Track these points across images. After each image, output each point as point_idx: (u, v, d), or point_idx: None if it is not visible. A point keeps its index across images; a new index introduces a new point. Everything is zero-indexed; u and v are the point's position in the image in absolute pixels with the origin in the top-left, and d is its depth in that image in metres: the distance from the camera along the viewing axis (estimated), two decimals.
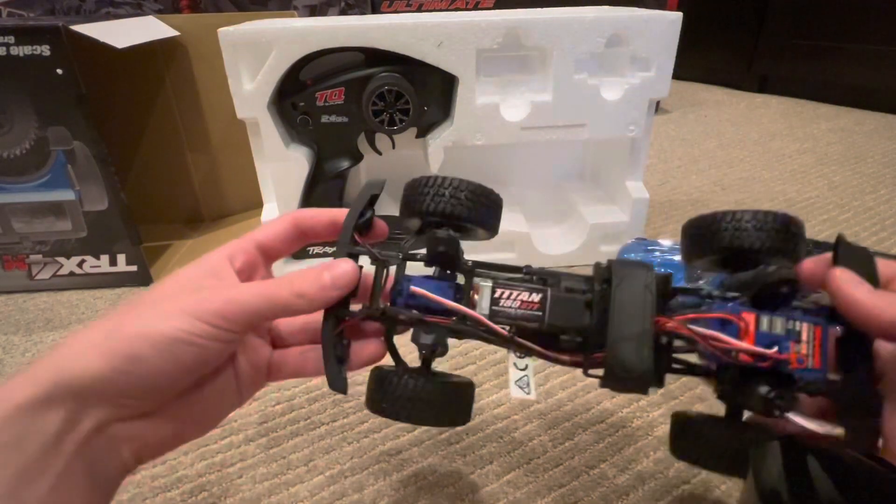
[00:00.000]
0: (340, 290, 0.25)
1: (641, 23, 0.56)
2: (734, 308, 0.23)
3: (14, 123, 0.57)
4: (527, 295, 0.25)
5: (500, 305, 0.25)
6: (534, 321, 0.25)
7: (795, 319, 0.23)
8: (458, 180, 0.26)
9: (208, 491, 0.39)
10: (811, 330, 0.23)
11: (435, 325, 0.26)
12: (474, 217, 0.26)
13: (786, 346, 0.23)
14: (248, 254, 0.27)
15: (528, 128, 0.59)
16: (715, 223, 0.25)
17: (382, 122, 0.57)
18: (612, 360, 0.24)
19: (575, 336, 0.25)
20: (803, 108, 1.40)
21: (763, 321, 0.23)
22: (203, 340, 0.22)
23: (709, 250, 0.25)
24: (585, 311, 0.25)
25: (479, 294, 0.26)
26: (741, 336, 0.23)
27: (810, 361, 0.23)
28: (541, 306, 0.25)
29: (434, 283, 0.26)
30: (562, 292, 0.26)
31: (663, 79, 0.58)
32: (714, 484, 0.38)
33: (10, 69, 0.55)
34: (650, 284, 0.24)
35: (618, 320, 0.24)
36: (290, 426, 0.44)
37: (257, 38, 0.53)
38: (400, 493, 0.38)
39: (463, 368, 0.50)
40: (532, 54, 0.59)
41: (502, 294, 0.26)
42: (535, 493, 0.38)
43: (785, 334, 0.23)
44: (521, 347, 0.26)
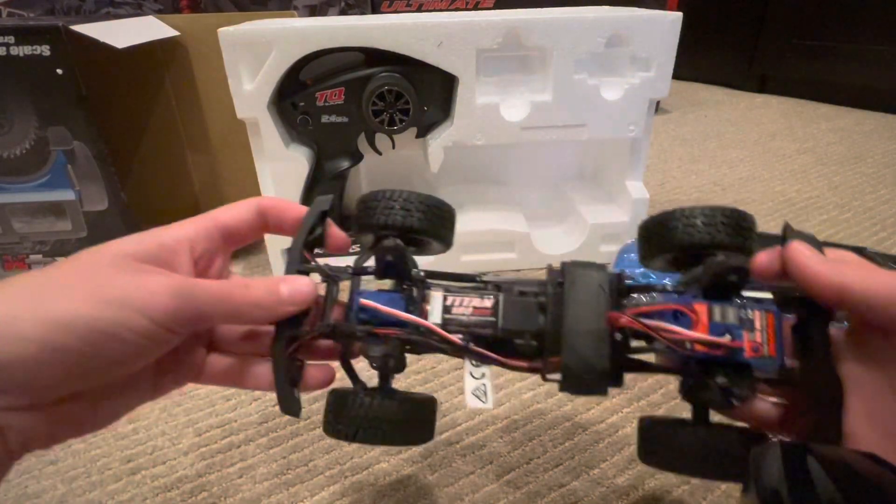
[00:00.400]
0: (296, 305, 0.24)
1: (641, 23, 0.56)
2: (686, 300, 0.23)
3: (14, 123, 0.57)
4: (479, 301, 0.25)
5: (452, 313, 0.25)
6: (487, 327, 0.25)
7: (748, 308, 0.23)
8: (409, 192, 0.26)
9: (208, 491, 0.39)
10: (764, 317, 0.23)
11: (385, 337, 0.25)
12: (427, 229, 0.26)
13: (739, 335, 0.22)
14: (210, 240, 0.25)
15: (528, 128, 0.59)
16: (666, 221, 0.24)
17: (382, 122, 0.57)
18: (569, 361, 0.23)
19: (530, 340, 0.25)
20: (803, 108, 1.40)
21: (715, 311, 0.23)
22: (140, 339, 0.20)
23: (662, 249, 0.25)
24: (539, 313, 0.25)
25: (431, 303, 0.25)
26: (694, 328, 0.23)
27: (765, 349, 0.23)
28: (493, 311, 0.25)
29: (385, 296, 0.26)
30: (514, 296, 0.25)
31: (663, 79, 0.58)
32: (714, 484, 0.38)
33: (10, 69, 0.55)
34: (604, 283, 0.25)
35: (572, 320, 0.24)
36: (290, 426, 0.44)
37: (257, 38, 0.53)
38: (400, 494, 0.38)
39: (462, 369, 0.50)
40: (532, 54, 0.59)
41: (454, 301, 0.25)
42: (535, 493, 0.38)
43: (738, 323, 0.23)
44: (477, 355, 0.25)
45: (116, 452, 0.42)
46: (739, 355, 0.22)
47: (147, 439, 0.43)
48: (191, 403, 0.47)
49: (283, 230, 0.27)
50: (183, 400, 0.47)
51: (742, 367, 0.23)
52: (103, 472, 0.41)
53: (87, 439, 0.44)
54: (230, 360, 0.27)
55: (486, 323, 0.25)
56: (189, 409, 0.46)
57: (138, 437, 0.44)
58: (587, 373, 0.23)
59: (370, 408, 0.24)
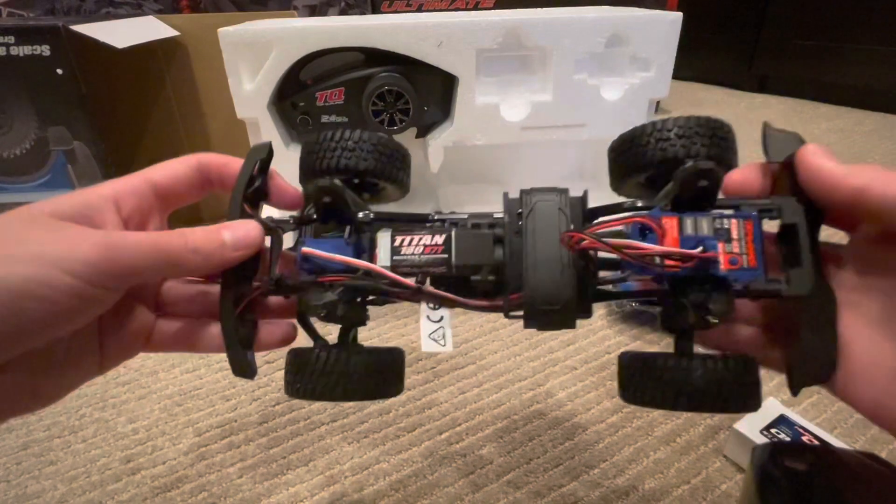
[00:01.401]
0: (241, 251, 0.22)
1: (641, 23, 0.56)
2: (653, 214, 0.21)
3: (14, 123, 0.57)
4: (429, 238, 0.23)
5: (401, 254, 0.23)
6: (441, 265, 0.23)
7: (723, 217, 0.21)
8: (354, 131, 0.24)
9: (208, 491, 0.39)
10: (741, 226, 0.21)
11: (330, 285, 0.23)
12: (377, 170, 0.24)
13: (713, 246, 0.20)
14: (141, 198, 0.23)
15: (528, 128, 0.59)
16: (637, 137, 0.22)
17: (382, 122, 0.57)
18: (531, 292, 0.22)
19: (487, 275, 0.23)
20: (803, 108, 1.40)
21: (686, 223, 0.21)
22: (63, 297, 0.18)
23: (634, 169, 0.23)
24: (495, 246, 0.23)
25: (378, 245, 0.24)
26: (663, 243, 0.21)
27: (745, 260, 0.21)
28: (446, 248, 0.23)
29: (331, 242, 0.24)
30: (468, 230, 0.24)
31: (663, 79, 0.58)
32: (714, 484, 0.38)
33: (10, 69, 0.55)
34: (564, 206, 0.23)
35: (532, 249, 0.22)
36: (290, 426, 0.44)
37: (257, 38, 0.53)
38: (400, 493, 0.38)
39: (463, 368, 0.50)
40: (532, 54, 0.59)
41: (403, 241, 0.23)
42: (535, 493, 0.38)
43: (713, 234, 0.21)
44: (432, 297, 0.24)
45: (116, 452, 0.42)
46: (715, 268, 0.20)
47: (147, 439, 0.43)
48: (191, 403, 0.47)
49: (227, 187, 0.25)
50: (183, 400, 0.47)
51: (720, 281, 0.21)
52: (103, 472, 0.41)
53: (87, 439, 0.44)
54: (180, 323, 0.25)
55: (438, 261, 0.23)
56: (189, 409, 0.46)
57: (138, 437, 0.44)
58: (550, 305, 0.22)
59: (329, 363, 0.23)
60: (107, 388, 0.49)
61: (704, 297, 0.20)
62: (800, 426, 0.39)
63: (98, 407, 0.47)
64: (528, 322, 0.23)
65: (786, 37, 1.47)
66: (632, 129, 0.23)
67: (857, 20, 1.32)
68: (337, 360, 0.23)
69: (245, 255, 0.23)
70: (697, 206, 0.22)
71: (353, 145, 0.24)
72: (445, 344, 0.24)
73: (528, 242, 0.22)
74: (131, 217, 0.23)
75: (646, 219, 0.21)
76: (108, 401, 0.48)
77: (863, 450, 0.40)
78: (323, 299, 0.23)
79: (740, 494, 0.37)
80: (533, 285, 0.22)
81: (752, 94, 1.56)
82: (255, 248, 0.23)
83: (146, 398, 0.48)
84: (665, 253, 0.20)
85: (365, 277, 0.23)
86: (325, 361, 0.23)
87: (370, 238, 0.24)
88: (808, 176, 0.20)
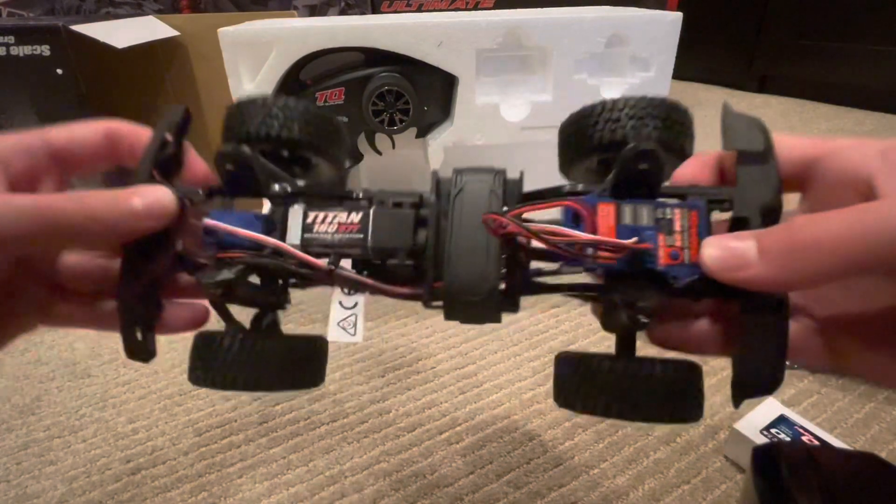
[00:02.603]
0: (153, 220, 0.19)
1: (641, 23, 0.56)
2: (589, 200, 0.19)
3: (14, 123, 0.57)
4: (345, 216, 0.21)
5: (313, 232, 0.21)
6: (356, 246, 0.21)
7: (666, 207, 0.19)
8: (282, 98, 0.22)
9: (208, 491, 0.39)
10: (686, 216, 0.19)
11: (230, 260, 0.21)
12: (304, 141, 0.22)
13: (650, 237, 0.19)
14: (33, 157, 0.20)
15: (528, 128, 0.59)
16: (586, 116, 0.21)
17: (382, 122, 0.57)
18: (451, 280, 0.20)
19: (405, 259, 0.21)
20: (803, 108, 1.40)
21: (625, 211, 0.19)
22: None
23: (582, 151, 0.21)
24: (417, 228, 0.21)
25: (290, 221, 0.22)
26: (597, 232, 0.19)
27: (686, 255, 0.18)
28: (362, 227, 0.21)
29: (239, 216, 0.21)
30: (388, 208, 0.21)
31: (663, 79, 0.58)
32: (714, 484, 0.38)
33: (10, 69, 0.55)
34: (497, 188, 0.20)
35: (456, 233, 0.20)
36: (290, 426, 0.44)
37: (257, 38, 0.53)
38: (400, 493, 0.38)
39: (463, 368, 0.50)
40: (532, 54, 0.59)
41: (316, 218, 0.21)
42: (535, 493, 0.38)
43: (654, 225, 0.19)
44: (346, 281, 0.21)
45: (116, 452, 0.42)
46: (651, 262, 0.19)
47: (147, 439, 0.43)
48: (191, 403, 0.47)
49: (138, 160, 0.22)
50: (183, 400, 0.47)
51: (658, 277, 0.19)
52: (103, 472, 0.41)
53: (87, 439, 0.44)
54: (81, 300, 0.23)
55: (353, 241, 0.21)
56: (189, 409, 0.46)
57: (138, 437, 0.44)
58: (471, 295, 0.20)
59: (234, 349, 0.20)
60: (107, 388, 0.49)
61: (634, 294, 0.19)
62: (800, 426, 0.39)
63: (98, 407, 0.47)
64: (448, 313, 0.21)
65: (786, 37, 1.47)
66: (581, 108, 0.21)
67: (857, 20, 1.32)
68: (242, 346, 0.21)
69: (156, 226, 0.20)
70: (641, 194, 0.20)
71: (277, 111, 0.22)
72: (355, 333, 0.22)
73: (453, 225, 0.20)
74: (19, 178, 0.20)
75: (574, 203, 0.19)
76: (108, 401, 0.48)
77: (863, 450, 0.40)
78: (216, 277, 0.20)
79: (740, 494, 0.37)
80: (453, 272, 0.20)
81: (752, 94, 1.56)
82: (167, 218, 0.20)
83: (146, 398, 0.48)
84: (591, 241, 0.18)
85: (272, 256, 0.21)
86: (228, 347, 0.20)
87: (284, 213, 0.22)
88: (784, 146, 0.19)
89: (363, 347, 0.53)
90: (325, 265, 0.21)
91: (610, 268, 0.19)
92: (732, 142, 0.19)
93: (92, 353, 0.54)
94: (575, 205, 0.19)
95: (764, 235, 0.16)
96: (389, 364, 0.51)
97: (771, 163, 0.19)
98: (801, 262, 0.15)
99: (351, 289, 0.22)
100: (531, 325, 0.55)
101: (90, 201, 0.18)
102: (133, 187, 0.20)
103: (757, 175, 0.18)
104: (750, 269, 0.16)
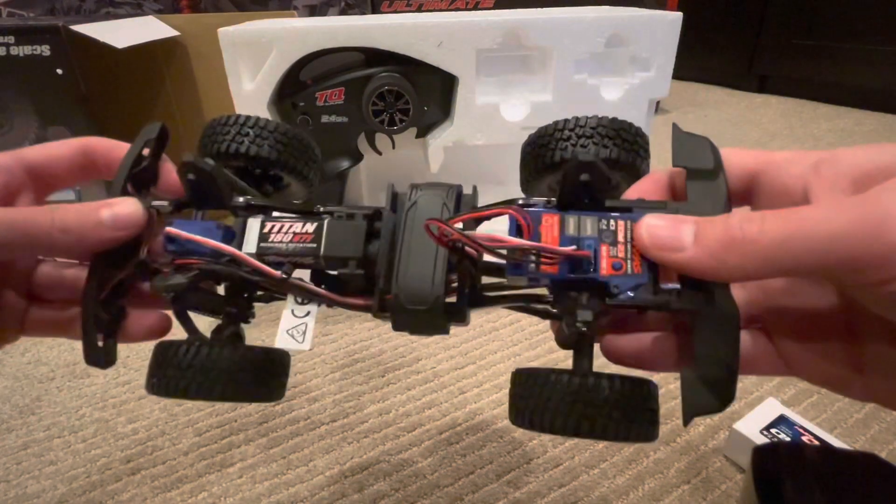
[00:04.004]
0: (121, 231, 0.21)
1: (641, 23, 0.56)
2: (534, 211, 0.20)
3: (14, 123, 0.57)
4: (300, 226, 0.22)
5: (269, 241, 0.22)
6: (309, 255, 0.22)
7: (609, 218, 0.19)
8: (257, 118, 0.23)
9: (208, 491, 0.39)
10: (629, 228, 0.19)
11: (187, 268, 0.21)
12: (274, 160, 0.23)
13: (590, 247, 0.19)
14: (9, 174, 0.21)
15: (528, 128, 0.59)
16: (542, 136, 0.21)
17: (382, 122, 0.57)
18: (398, 291, 0.20)
19: (356, 269, 0.21)
20: (803, 108, 1.40)
21: (568, 222, 0.19)
22: None
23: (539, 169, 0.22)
24: (370, 239, 0.22)
25: (247, 231, 0.22)
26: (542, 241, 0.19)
27: (628, 266, 0.19)
28: (316, 237, 0.22)
29: (199, 225, 0.22)
30: (341, 220, 0.22)
31: (663, 79, 0.58)
32: (714, 484, 0.38)
33: (10, 69, 0.55)
34: (449, 201, 0.21)
35: (406, 243, 0.21)
36: (290, 426, 0.44)
37: (257, 38, 0.53)
38: (400, 493, 0.38)
39: (462, 368, 0.50)
40: (532, 54, 0.59)
41: (272, 228, 0.22)
42: (535, 493, 0.38)
43: (596, 235, 0.19)
44: (298, 290, 0.22)
45: (116, 452, 0.42)
46: (590, 271, 0.19)
47: (147, 439, 0.43)
48: (191, 403, 0.47)
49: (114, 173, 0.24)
50: (183, 400, 0.47)
51: (600, 288, 0.19)
52: (103, 472, 0.41)
53: (87, 439, 0.44)
54: (53, 309, 0.24)
55: (306, 251, 0.21)
56: (189, 409, 0.46)
57: (138, 437, 0.44)
58: (417, 304, 0.20)
59: (188, 357, 0.21)
60: (107, 388, 0.49)
61: (573, 303, 0.19)
62: (800, 426, 0.39)
63: (98, 407, 0.47)
64: (396, 323, 0.21)
65: (786, 37, 1.47)
66: (538, 129, 0.22)
67: (857, 20, 1.32)
68: (197, 354, 0.21)
69: (125, 236, 0.21)
70: (587, 207, 0.20)
71: (249, 130, 0.23)
72: (303, 341, 0.23)
73: (403, 237, 0.21)
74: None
75: (514, 211, 0.19)
76: (108, 401, 0.48)
77: (863, 450, 0.40)
78: (168, 281, 0.21)
79: (740, 494, 0.37)
80: (401, 282, 0.20)
81: (752, 94, 1.56)
82: (135, 229, 0.21)
83: (146, 398, 0.48)
84: (530, 248, 0.19)
85: (228, 264, 0.22)
86: (184, 355, 0.21)
87: (243, 224, 0.23)
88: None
89: (363, 347, 0.53)
90: (278, 274, 0.21)
91: (553, 277, 0.19)
92: (682, 160, 0.20)
93: None
94: (515, 213, 0.19)
95: (703, 223, 0.17)
96: (389, 364, 0.51)
97: (720, 178, 0.19)
98: (732, 256, 0.16)
99: (304, 298, 0.23)
100: (531, 325, 0.55)
101: (61, 214, 0.19)
102: (104, 200, 0.21)
103: (706, 190, 0.19)
104: (684, 253, 0.17)
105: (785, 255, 0.15)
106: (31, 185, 0.23)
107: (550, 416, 0.18)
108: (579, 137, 0.20)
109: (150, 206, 0.22)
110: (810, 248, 0.15)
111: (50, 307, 0.24)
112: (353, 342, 0.54)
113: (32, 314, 0.24)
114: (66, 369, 0.52)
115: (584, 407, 0.18)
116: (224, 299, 0.23)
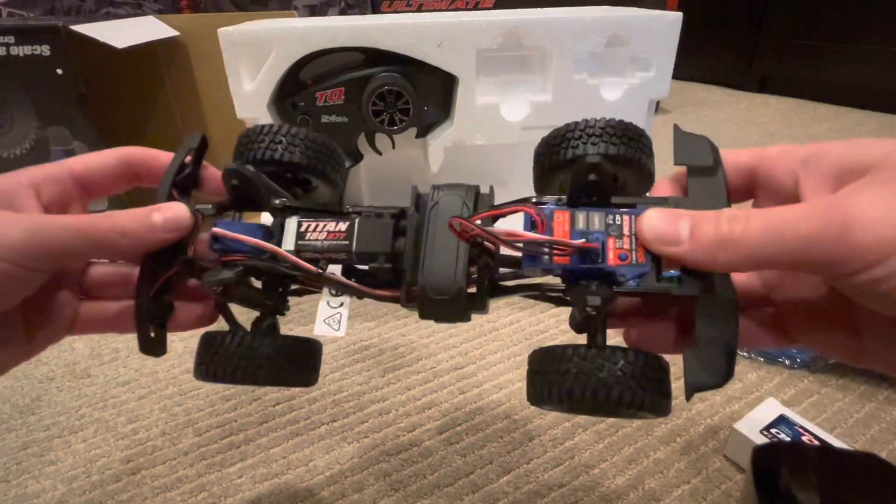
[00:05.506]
0: (172, 233, 0.23)
1: (641, 23, 0.56)
2: (546, 207, 0.22)
3: (14, 123, 0.57)
4: (333, 224, 0.24)
5: (306, 239, 0.24)
6: (342, 251, 0.24)
7: (616, 213, 0.21)
8: (290, 127, 0.25)
9: (208, 491, 0.39)
10: (633, 222, 0.21)
11: (233, 264, 0.24)
12: (305, 165, 0.25)
13: (597, 239, 0.21)
14: (60, 185, 0.23)
15: (528, 128, 0.59)
16: (552, 138, 0.23)
17: (382, 122, 0.57)
18: (424, 281, 0.22)
19: (384, 263, 0.23)
20: (803, 108, 1.40)
21: (578, 218, 0.21)
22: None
23: (550, 169, 0.23)
24: (396, 236, 0.24)
25: (285, 230, 0.24)
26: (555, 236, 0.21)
27: (634, 256, 0.20)
28: (348, 235, 0.24)
29: (243, 225, 0.24)
30: (370, 218, 0.24)
31: (663, 79, 0.58)
32: (714, 484, 0.38)
33: (10, 69, 0.55)
34: (468, 200, 0.23)
35: (430, 239, 0.23)
36: (290, 426, 0.44)
37: (257, 38, 0.53)
38: (400, 493, 0.38)
39: (462, 368, 0.50)
40: (532, 54, 0.59)
41: (308, 227, 0.24)
42: (535, 493, 0.38)
43: (604, 230, 0.21)
44: (332, 283, 0.24)
45: (116, 452, 0.42)
46: (599, 261, 0.21)
47: (147, 439, 0.43)
48: (191, 403, 0.47)
49: (153, 180, 0.26)
50: (183, 400, 0.47)
51: (607, 277, 0.21)
52: (103, 472, 0.41)
53: (87, 439, 0.44)
54: (104, 306, 0.26)
55: (340, 247, 0.24)
56: (189, 409, 0.46)
57: (138, 437, 0.44)
58: (441, 294, 0.22)
59: (233, 345, 0.23)
60: (107, 388, 0.49)
61: (584, 290, 0.21)
62: (800, 426, 0.39)
63: (98, 407, 0.47)
64: (422, 312, 0.23)
65: (786, 37, 1.47)
66: (550, 132, 0.24)
67: (857, 20, 1.32)
68: (241, 343, 0.23)
69: (174, 237, 0.23)
70: (594, 203, 0.22)
71: (282, 138, 0.25)
72: (339, 329, 0.24)
73: (427, 233, 0.23)
74: (51, 204, 0.23)
75: (530, 208, 0.21)
76: (108, 401, 0.48)
77: (863, 450, 0.40)
78: (217, 276, 0.23)
79: (740, 494, 0.37)
80: (426, 275, 0.22)
81: (752, 94, 1.56)
82: (184, 231, 0.23)
83: (146, 398, 0.48)
84: (545, 242, 0.21)
85: (269, 260, 0.24)
86: (228, 344, 0.23)
87: (281, 224, 0.25)
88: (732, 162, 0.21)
89: (363, 347, 0.53)
90: (315, 269, 0.24)
91: (565, 268, 0.21)
92: (683, 158, 0.22)
93: (92, 353, 0.54)
94: (530, 210, 0.21)
95: (698, 218, 0.18)
96: (389, 364, 0.51)
97: (719, 174, 0.21)
98: (720, 253, 0.17)
99: (337, 290, 0.25)
100: (531, 325, 0.55)
101: (119, 219, 0.21)
102: (154, 206, 0.23)
103: (706, 185, 0.21)
104: (681, 247, 0.18)
105: (765, 253, 0.17)
106: (78, 193, 0.25)
107: (569, 386, 0.20)
108: (589, 136, 0.22)
109: (194, 209, 0.25)
110: (784, 250, 0.16)
111: (100, 303, 0.26)
112: (353, 342, 0.54)
113: (84, 310, 0.25)
114: (66, 369, 0.52)
115: (601, 374, 0.19)
116: (262, 293, 0.25)
